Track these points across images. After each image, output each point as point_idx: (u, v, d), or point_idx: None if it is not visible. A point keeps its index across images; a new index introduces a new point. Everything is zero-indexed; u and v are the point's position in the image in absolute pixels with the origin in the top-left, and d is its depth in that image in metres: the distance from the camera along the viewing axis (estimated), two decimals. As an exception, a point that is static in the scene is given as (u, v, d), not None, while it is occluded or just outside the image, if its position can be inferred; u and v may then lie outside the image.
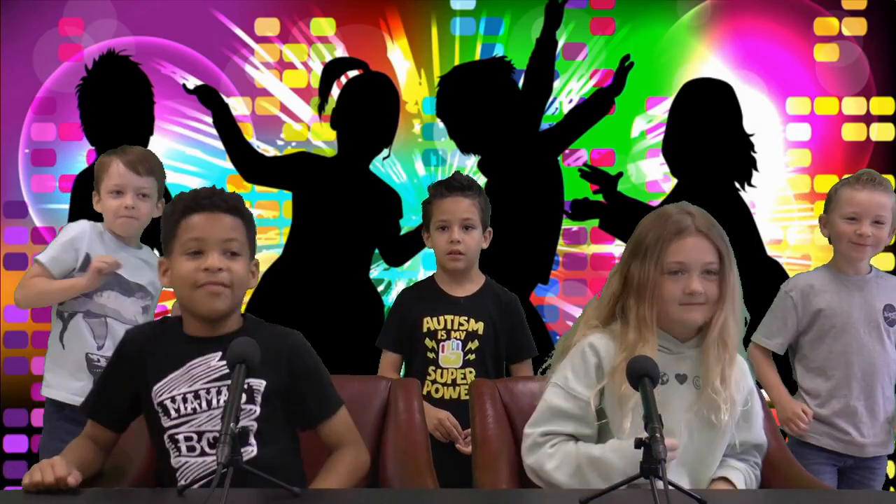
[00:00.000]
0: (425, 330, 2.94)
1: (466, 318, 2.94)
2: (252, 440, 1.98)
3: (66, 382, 2.96)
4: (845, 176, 3.13)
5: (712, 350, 2.07)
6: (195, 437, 1.98)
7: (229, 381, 1.93)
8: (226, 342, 1.93)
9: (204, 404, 1.99)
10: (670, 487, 1.62)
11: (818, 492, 2.20)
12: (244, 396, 1.96)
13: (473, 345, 2.93)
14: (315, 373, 2.09)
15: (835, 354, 2.96)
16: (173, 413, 2.00)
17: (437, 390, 2.92)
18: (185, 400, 1.99)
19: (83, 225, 3.01)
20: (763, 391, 2.92)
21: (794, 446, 2.93)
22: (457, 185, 2.94)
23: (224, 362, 1.97)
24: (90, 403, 2.12)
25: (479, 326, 2.94)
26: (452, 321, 2.94)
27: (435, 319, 2.94)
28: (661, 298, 2.06)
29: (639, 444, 1.68)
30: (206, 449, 1.95)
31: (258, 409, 2.00)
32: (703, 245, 2.07)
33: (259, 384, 2.01)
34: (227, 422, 1.65)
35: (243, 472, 1.66)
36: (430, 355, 2.94)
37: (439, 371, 2.92)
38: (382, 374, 2.97)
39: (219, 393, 1.99)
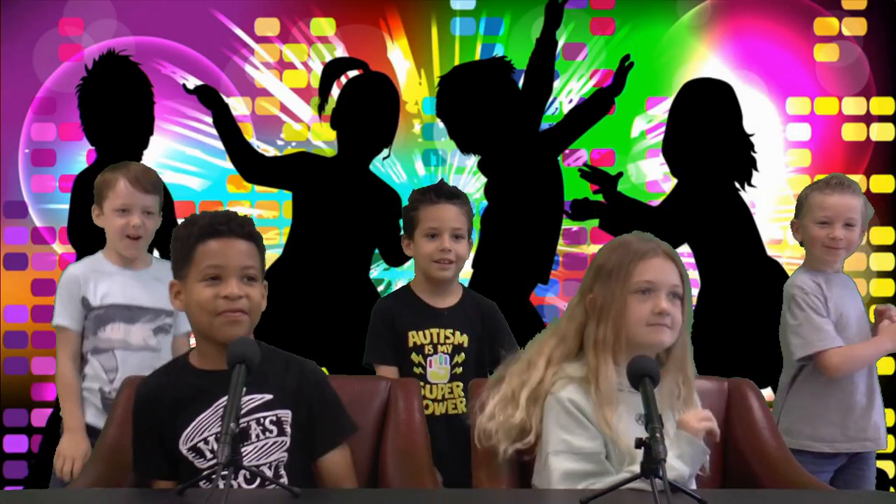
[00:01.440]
0: (411, 344, 2.84)
1: (451, 331, 2.86)
2: (283, 472, 1.97)
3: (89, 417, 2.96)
4: (815, 180, 3.16)
5: (666, 384, 2.01)
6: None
7: (258, 415, 1.98)
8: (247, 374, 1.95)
9: (243, 441, 1.97)
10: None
11: (818, 492, 2.20)
12: (275, 429, 1.98)
13: (460, 358, 2.85)
14: (331, 401, 2.09)
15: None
16: (208, 454, 1.98)
17: (426, 406, 2.78)
18: (217, 440, 1.93)
19: (71, 272, 2.96)
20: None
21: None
22: (446, 192, 2.87)
23: (250, 397, 1.98)
24: (141, 465, 2.06)
25: (465, 339, 2.86)
26: (438, 335, 2.85)
27: (421, 333, 2.85)
28: (627, 321, 2.01)
29: (639, 444, 1.68)
30: (243, 484, 1.93)
31: (289, 441, 2.01)
32: (670, 267, 2.05)
33: (286, 415, 2.02)
34: (226, 422, 1.65)
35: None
36: (418, 371, 2.84)
37: (428, 387, 2.82)
38: None
39: (249, 427, 1.99)
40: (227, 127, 4.09)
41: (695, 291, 3.88)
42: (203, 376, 2.02)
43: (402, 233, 2.94)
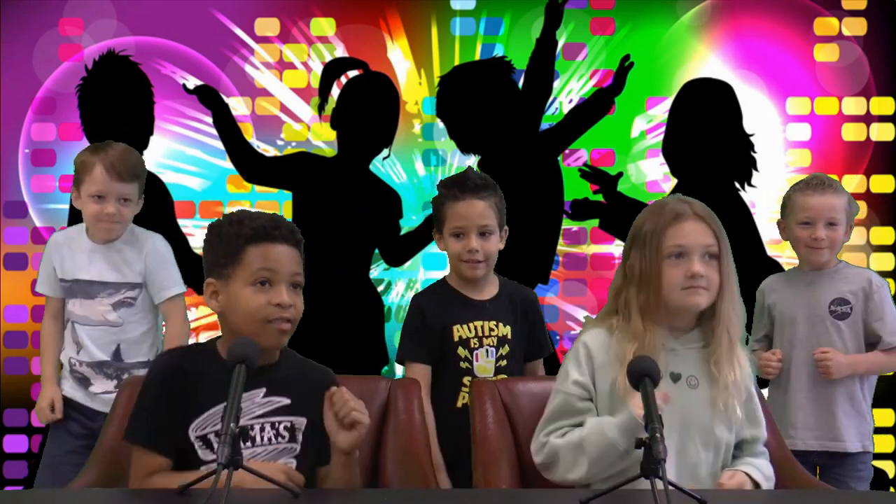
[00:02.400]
0: (456, 339, 2.75)
1: (495, 323, 2.78)
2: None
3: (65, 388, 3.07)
4: (798, 181, 3.17)
5: (724, 342, 2.06)
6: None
7: (273, 419, 1.98)
8: (267, 376, 1.96)
9: (248, 442, 1.96)
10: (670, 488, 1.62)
11: (818, 492, 2.21)
12: (287, 435, 1.98)
13: (504, 350, 2.78)
14: None
15: (793, 349, 3.02)
16: (216, 446, 1.88)
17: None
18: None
19: (51, 239, 3.07)
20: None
21: None
22: (471, 185, 2.75)
23: (268, 399, 1.98)
24: (142, 432, 1.97)
25: (508, 330, 2.79)
26: (482, 327, 2.77)
27: (465, 327, 2.76)
28: (662, 285, 2.04)
29: (639, 444, 1.68)
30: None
31: (298, 448, 2.00)
32: (702, 228, 2.06)
33: (301, 422, 2.01)
34: (226, 422, 1.65)
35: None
36: (464, 365, 2.75)
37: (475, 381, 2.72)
38: None
39: (262, 429, 1.98)
40: (227, 127, 4.09)
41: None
42: (227, 368, 1.97)
43: (434, 226, 2.87)
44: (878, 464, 3.96)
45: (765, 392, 3.00)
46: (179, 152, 4.13)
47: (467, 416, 2.58)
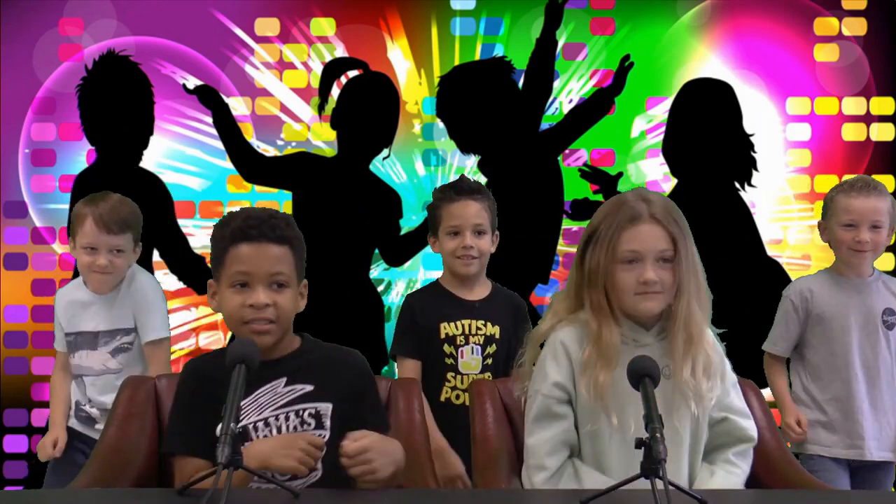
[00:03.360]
0: (443, 335, 2.87)
1: (483, 323, 2.89)
2: (318, 465, 1.91)
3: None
4: (841, 180, 3.14)
5: (678, 342, 2.03)
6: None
7: (297, 406, 1.97)
8: (286, 365, 1.98)
9: (274, 431, 1.96)
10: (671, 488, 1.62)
11: (818, 492, 2.20)
12: (313, 422, 1.97)
13: (491, 349, 2.88)
14: (374, 394, 2.09)
15: (834, 358, 2.98)
16: (245, 443, 1.93)
17: (457, 396, 2.84)
18: (255, 429, 1.96)
19: (57, 296, 3.09)
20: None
21: (806, 463, 2.96)
22: (466, 188, 2.89)
23: (290, 388, 1.98)
24: (178, 441, 1.98)
25: (496, 330, 2.89)
26: (470, 325, 2.88)
27: (452, 325, 2.87)
28: (616, 288, 2.03)
29: (639, 444, 1.68)
30: (277, 475, 1.86)
31: (328, 434, 1.98)
32: (657, 232, 2.03)
33: (326, 408, 2.00)
34: (227, 421, 1.65)
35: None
36: (449, 361, 2.86)
37: (459, 377, 2.85)
38: None
39: (287, 419, 1.97)
40: (227, 127, 4.09)
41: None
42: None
43: (429, 231, 2.97)
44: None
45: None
46: (179, 152, 4.13)
47: (451, 410, 2.79)
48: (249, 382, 1.84)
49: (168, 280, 4.02)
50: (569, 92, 4.17)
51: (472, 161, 4.14)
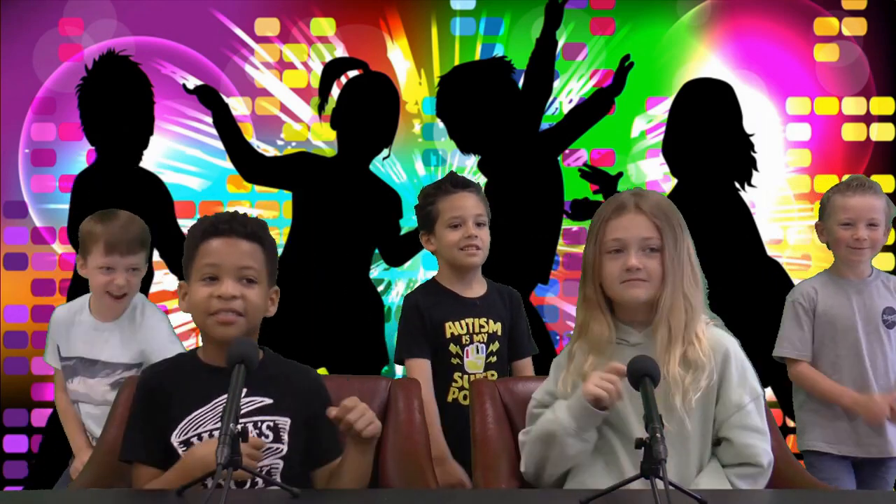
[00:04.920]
0: (448, 335, 2.80)
1: (486, 320, 2.83)
2: (277, 478, 1.93)
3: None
4: (838, 181, 3.17)
5: (659, 334, 2.03)
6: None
7: (256, 418, 1.96)
8: (249, 376, 1.91)
9: None
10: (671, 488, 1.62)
11: (818, 492, 2.20)
12: (271, 435, 1.96)
13: (494, 346, 2.84)
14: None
15: (839, 358, 2.99)
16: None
17: (465, 397, 2.76)
18: (211, 437, 1.95)
19: (55, 315, 2.99)
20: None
21: (808, 460, 3.00)
22: (462, 182, 2.85)
23: (250, 399, 1.96)
24: (131, 447, 2.00)
25: (498, 327, 2.85)
26: (473, 324, 2.82)
27: (457, 324, 2.81)
28: (605, 278, 2.06)
29: (639, 444, 1.68)
30: (233, 485, 1.82)
31: (285, 448, 1.98)
32: (640, 221, 2.05)
33: (284, 422, 1.99)
34: (226, 422, 1.64)
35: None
36: (455, 361, 2.80)
37: (465, 377, 2.79)
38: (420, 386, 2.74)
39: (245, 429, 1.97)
40: (227, 127, 4.09)
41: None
42: (205, 371, 2.01)
43: (420, 231, 2.90)
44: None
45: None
46: (179, 152, 4.13)
47: (458, 411, 2.71)
48: (210, 388, 1.89)
49: (168, 279, 4.02)
50: (569, 92, 4.17)
51: (472, 161, 4.14)
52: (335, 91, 4.12)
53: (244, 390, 1.89)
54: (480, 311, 2.84)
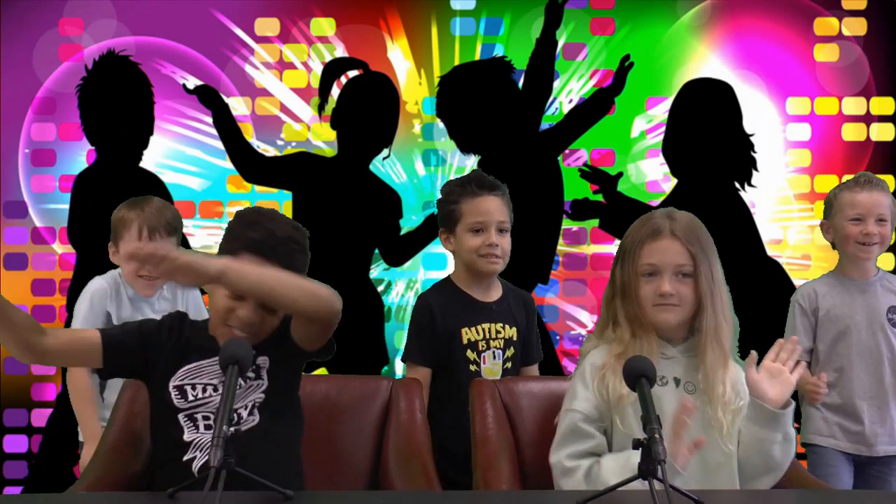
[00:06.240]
0: (465, 342, 2.71)
1: (502, 325, 2.75)
2: (256, 413, 2.03)
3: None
4: (842, 180, 3.16)
5: (709, 357, 2.07)
6: (212, 416, 2.03)
7: (249, 375, 2.04)
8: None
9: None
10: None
11: (818, 492, 2.20)
12: (253, 374, 2.05)
13: (510, 352, 2.76)
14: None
15: (841, 357, 2.99)
16: (191, 396, 2.05)
17: None
18: (204, 389, 2.05)
19: (98, 283, 2.96)
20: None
21: (810, 454, 3.01)
22: (488, 184, 2.74)
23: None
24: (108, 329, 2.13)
25: (513, 332, 2.77)
26: (490, 329, 2.74)
27: (473, 330, 2.72)
28: (638, 300, 2.09)
29: (637, 444, 1.67)
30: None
31: (265, 383, 2.06)
32: (676, 247, 2.09)
33: (264, 361, 2.07)
34: (219, 424, 1.64)
35: (235, 474, 1.65)
36: (473, 368, 2.70)
37: None
38: None
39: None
40: (227, 127, 4.09)
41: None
42: (212, 341, 2.09)
43: (440, 227, 2.81)
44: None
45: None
46: (179, 152, 4.13)
47: None
48: (213, 349, 1.98)
49: (168, 280, 4.02)
50: (569, 92, 4.17)
51: (472, 161, 4.14)
52: (335, 91, 4.12)
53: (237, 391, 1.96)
54: (497, 316, 2.76)
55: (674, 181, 4.15)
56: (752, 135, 4.15)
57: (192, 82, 4.10)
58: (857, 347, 2.98)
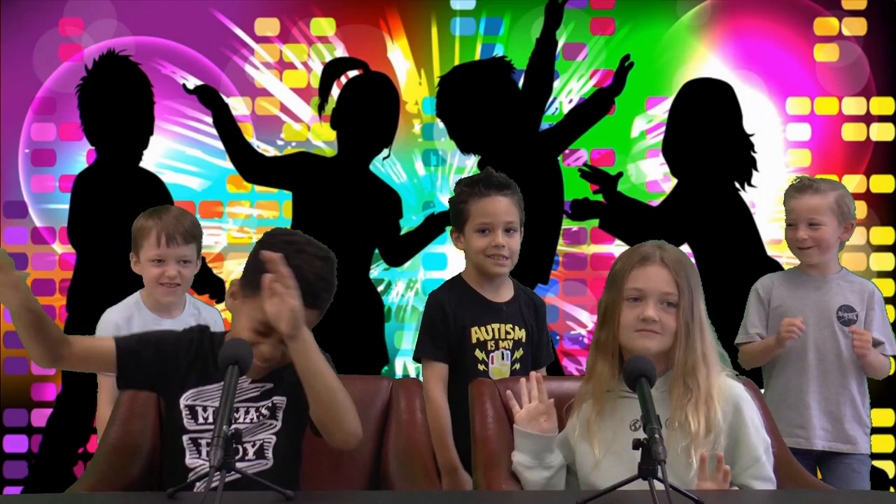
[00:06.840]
0: (474, 341, 2.71)
1: (511, 326, 2.74)
2: (269, 454, 2.05)
3: None
4: (842, 180, 3.19)
5: (676, 390, 2.06)
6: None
7: (259, 403, 2.06)
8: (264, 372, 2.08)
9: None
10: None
11: (818, 492, 2.20)
12: (268, 412, 2.06)
13: (519, 354, 2.75)
14: None
15: (787, 352, 3.01)
16: (200, 419, 2.06)
17: None
18: (215, 413, 2.04)
19: (110, 318, 2.92)
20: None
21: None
22: (496, 183, 2.72)
23: (254, 385, 2.08)
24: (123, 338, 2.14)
25: (523, 334, 2.75)
26: (499, 330, 2.73)
27: (483, 329, 2.71)
28: (620, 325, 2.09)
29: (637, 444, 1.68)
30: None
31: (279, 424, 2.07)
32: (663, 275, 2.08)
33: (282, 401, 2.08)
34: (219, 424, 1.64)
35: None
36: (481, 367, 2.70)
37: None
38: (433, 390, 2.64)
39: (247, 412, 2.07)
40: (227, 127, 4.09)
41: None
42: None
43: (452, 226, 2.80)
44: (878, 464, 3.96)
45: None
46: (179, 152, 4.13)
47: None
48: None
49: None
50: (569, 92, 4.17)
51: (472, 161, 4.14)
52: (335, 91, 4.12)
53: (248, 379, 2.03)
54: (507, 317, 2.75)
55: (674, 181, 4.15)
56: (752, 135, 4.15)
57: (192, 82, 4.10)
58: (804, 343, 3.00)
